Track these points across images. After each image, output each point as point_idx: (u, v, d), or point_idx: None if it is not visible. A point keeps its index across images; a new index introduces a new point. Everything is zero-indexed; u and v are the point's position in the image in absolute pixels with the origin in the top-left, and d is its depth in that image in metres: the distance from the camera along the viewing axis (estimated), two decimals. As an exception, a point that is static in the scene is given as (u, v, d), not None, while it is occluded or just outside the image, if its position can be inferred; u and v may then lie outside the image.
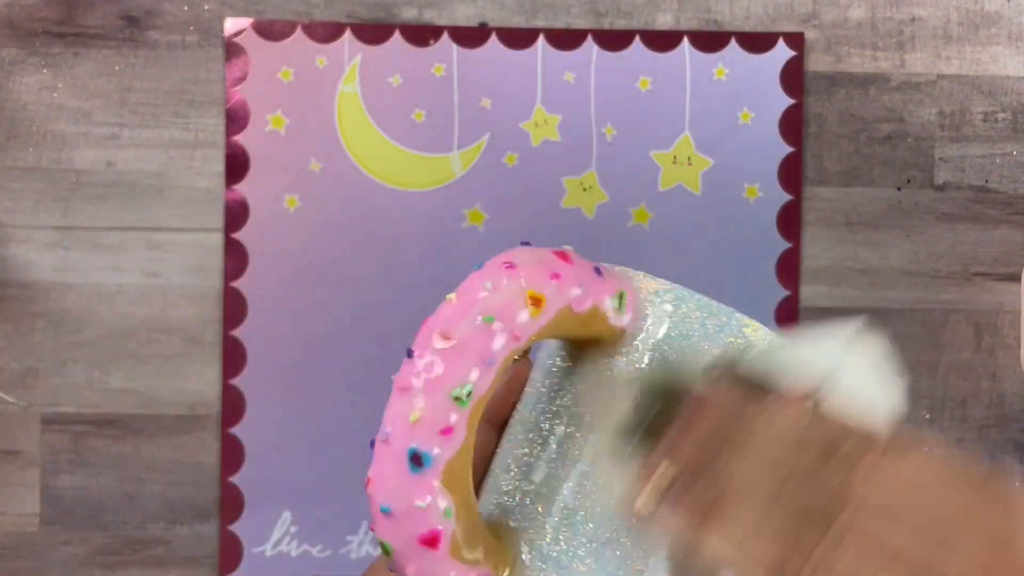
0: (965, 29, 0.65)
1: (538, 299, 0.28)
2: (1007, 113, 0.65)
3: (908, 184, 0.64)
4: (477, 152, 0.64)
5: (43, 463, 0.63)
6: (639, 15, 0.64)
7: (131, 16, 0.64)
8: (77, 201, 0.63)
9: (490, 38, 0.64)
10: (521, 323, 0.28)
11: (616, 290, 0.31)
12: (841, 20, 0.64)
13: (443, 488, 0.27)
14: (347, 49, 0.64)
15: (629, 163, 0.64)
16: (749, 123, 0.64)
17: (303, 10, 0.64)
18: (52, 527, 0.63)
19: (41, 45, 0.63)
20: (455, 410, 0.27)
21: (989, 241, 0.64)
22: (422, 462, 0.27)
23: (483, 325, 0.28)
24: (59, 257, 0.63)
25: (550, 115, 0.64)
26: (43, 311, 0.63)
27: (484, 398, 0.28)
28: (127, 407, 0.63)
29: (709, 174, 0.64)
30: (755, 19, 0.64)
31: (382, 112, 0.64)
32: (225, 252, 0.63)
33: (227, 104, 0.63)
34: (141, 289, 0.63)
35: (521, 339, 0.28)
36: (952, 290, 0.64)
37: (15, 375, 0.63)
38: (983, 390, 0.64)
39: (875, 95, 0.64)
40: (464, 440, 0.27)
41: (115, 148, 0.63)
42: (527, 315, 0.28)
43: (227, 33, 0.64)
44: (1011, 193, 0.64)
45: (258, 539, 0.63)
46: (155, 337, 0.63)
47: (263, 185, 0.63)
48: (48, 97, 0.63)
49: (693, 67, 0.64)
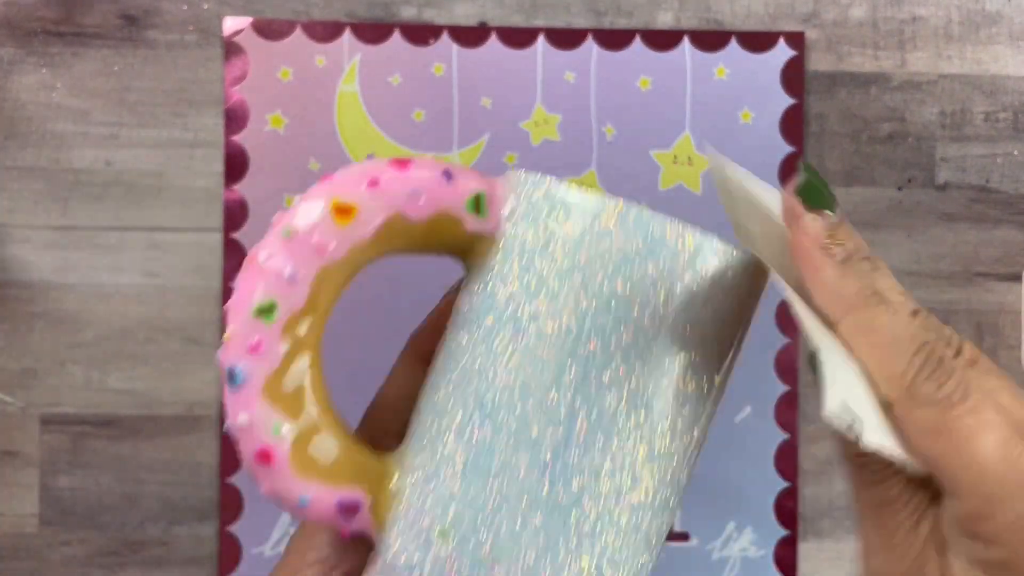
0: (966, 28, 0.65)
1: (346, 208, 0.27)
2: (1008, 113, 0.64)
3: (909, 184, 0.64)
4: (477, 152, 0.64)
5: (42, 463, 0.63)
6: (639, 14, 0.64)
7: (130, 15, 0.64)
8: (76, 201, 0.63)
9: (490, 37, 0.64)
10: (327, 234, 0.27)
11: (472, 191, 0.28)
12: (842, 19, 0.64)
13: (268, 403, 0.27)
14: (346, 48, 0.64)
15: (629, 163, 0.64)
16: (750, 123, 0.64)
17: (302, 9, 0.64)
18: (51, 528, 0.63)
19: (40, 44, 0.63)
20: (259, 326, 0.27)
21: (990, 241, 0.64)
22: (235, 378, 0.27)
23: (284, 239, 0.27)
24: (58, 257, 0.63)
25: (550, 114, 0.64)
26: (42, 311, 0.63)
27: (302, 314, 0.27)
28: (126, 407, 0.63)
29: (710, 174, 0.64)
30: (756, 18, 0.64)
31: (382, 111, 0.64)
32: (224, 252, 0.63)
33: (226, 104, 0.63)
34: (140, 289, 0.63)
35: (330, 252, 0.27)
36: (953, 290, 0.64)
37: (13, 375, 0.63)
38: (984, 390, 0.64)
39: (876, 95, 0.64)
40: (282, 355, 0.27)
41: (114, 148, 0.63)
42: (332, 225, 0.27)
43: (226, 32, 0.63)
44: (1012, 193, 0.64)
45: (257, 540, 0.62)
46: (154, 337, 0.63)
47: (262, 185, 0.63)
48: (47, 97, 0.63)
49: (693, 66, 0.64)
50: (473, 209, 0.28)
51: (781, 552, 0.63)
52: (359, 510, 0.28)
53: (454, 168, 0.29)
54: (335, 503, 0.27)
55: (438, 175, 0.28)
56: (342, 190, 0.27)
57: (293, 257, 0.27)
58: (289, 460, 0.27)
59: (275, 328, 0.27)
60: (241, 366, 0.27)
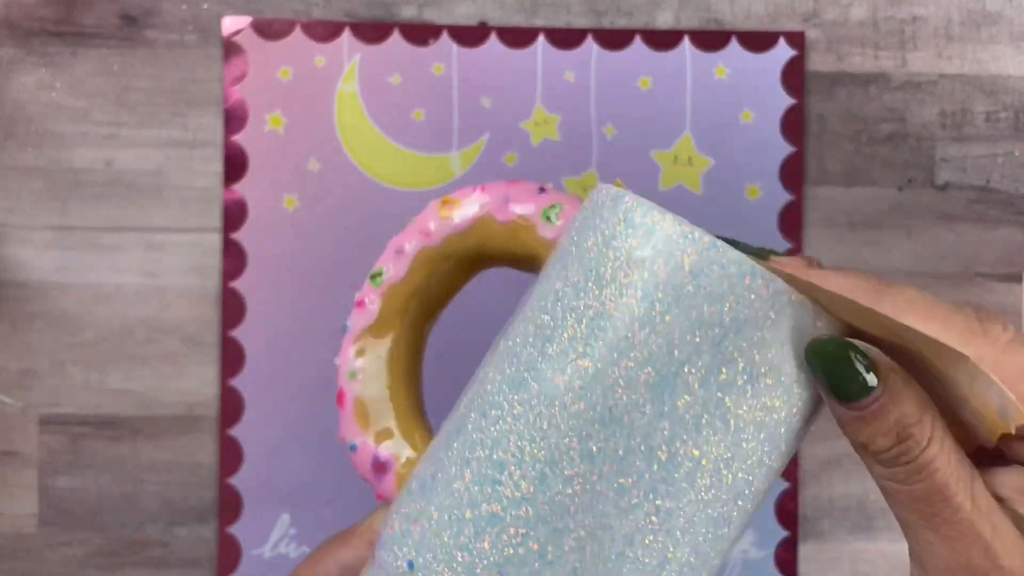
0: (967, 28, 0.65)
1: (451, 202, 0.33)
2: (1009, 113, 0.64)
3: (909, 184, 0.64)
4: (477, 152, 0.64)
5: (41, 464, 0.63)
6: (639, 14, 0.64)
7: (129, 15, 0.64)
8: (75, 201, 0.63)
9: (490, 37, 0.64)
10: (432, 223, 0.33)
11: (551, 203, 0.33)
12: (842, 19, 0.64)
13: (352, 353, 0.33)
14: (346, 48, 0.63)
15: (629, 163, 0.64)
16: (750, 122, 0.64)
17: (302, 9, 0.64)
18: (50, 528, 0.63)
19: (39, 44, 0.63)
20: (369, 288, 0.33)
21: (991, 241, 0.64)
22: (344, 328, 0.33)
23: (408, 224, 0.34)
24: (57, 257, 0.63)
25: (550, 114, 0.64)
26: (41, 311, 0.63)
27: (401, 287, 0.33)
28: (125, 408, 0.63)
29: (710, 174, 0.64)
30: (756, 18, 0.64)
31: (381, 111, 0.63)
32: (223, 252, 0.63)
33: (225, 103, 0.63)
34: (139, 289, 0.63)
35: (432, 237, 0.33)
36: (953, 291, 0.64)
37: (12, 375, 0.63)
38: (985, 391, 0.64)
39: (876, 94, 0.64)
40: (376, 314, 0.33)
41: (113, 148, 0.63)
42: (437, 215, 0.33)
43: (225, 32, 0.63)
44: (1013, 193, 0.64)
45: (257, 541, 0.62)
46: (153, 338, 0.63)
47: (262, 185, 0.63)
48: (46, 96, 0.63)
49: (694, 66, 0.64)
50: (546, 217, 0.32)
51: (782, 553, 0.63)
52: (387, 471, 0.32)
53: (550, 187, 0.33)
54: (371, 457, 0.32)
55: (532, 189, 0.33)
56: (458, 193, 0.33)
57: (406, 237, 0.33)
58: (353, 407, 0.32)
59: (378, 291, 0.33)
60: (350, 319, 0.33)
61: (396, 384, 0.33)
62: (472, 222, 0.33)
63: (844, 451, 0.63)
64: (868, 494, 0.64)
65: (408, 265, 0.33)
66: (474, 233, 0.33)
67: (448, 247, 0.33)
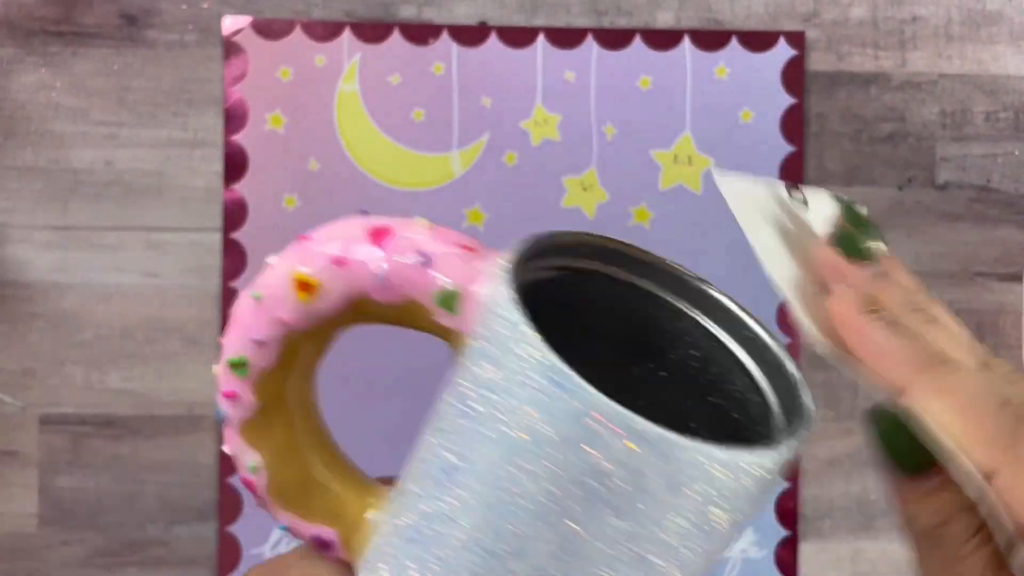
0: (966, 28, 0.65)
1: (309, 284, 0.26)
2: (1008, 112, 0.64)
3: (909, 183, 0.64)
4: (477, 151, 0.64)
5: (41, 463, 0.63)
6: (639, 14, 0.64)
7: (129, 15, 0.64)
8: (75, 201, 0.63)
9: (490, 37, 0.64)
10: (289, 307, 0.26)
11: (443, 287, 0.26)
12: (842, 19, 0.64)
13: (244, 443, 0.28)
14: (346, 48, 0.63)
15: (629, 162, 0.64)
16: (750, 122, 0.64)
17: (302, 8, 0.64)
18: (50, 528, 0.63)
19: (39, 44, 0.63)
20: (234, 377, 0.27)
21: (990, 241, 0.64)
22: (219, 415, 0.28)
23: (252, 301, 0.27)
24: (57, 257, 0.63)
25: (550, 114, 0.64)
26: (41, 311, 0.63)
27: (272, 373, 0.27)
28: (125, 407, 0.63)
29: (710, 173, 0.64)
30: (756, 18, 0.64)
31: (381, 111, 0.63)
32: (223, 252, 0.63)
33: (226, 103, 0.63)
34: (139, 289, 0.63)
35: (293, 324, 0.27)
36: (953, 290, 0.64)
37: (13, 375, 0.63)
38: (985, 390, 0.64)
39: (876, 94, 0.64)
40: (255, 406, 0.27)
41: (113, 147, 0.63)
42: (294, 299, 0.26)
43: (225, 32, 0.63)
44: (1012, 193, 0.64)
45: (256, 540, 0.62)
46: (153, 337, 0.63)
47: (262, 184, 0.63)
48: (46, 96, 0.63)
49: (694, 66, 0.64)
50: (442, 305, 0.26)
51: (782, 553, 0.63)
52: (332, 547, 0.28)
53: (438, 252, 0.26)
54: (309, 536, 0.28)
55: (413, 261, 0.26)
56: (308, 263, 0.26)
57: (259, 322, 0.27)
58: (268, 492, 0.28)
59: (248, 382, 0.27)
60: (223, 407, 0.28)
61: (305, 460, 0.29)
62: (342, 306, 0.27)
63: (844, 451, 0.63)
64: (868, 494, 0.63)
65: (275, 353, 0.27)
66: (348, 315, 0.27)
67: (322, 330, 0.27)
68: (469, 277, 0.26)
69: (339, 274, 0.26)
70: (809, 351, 0.63)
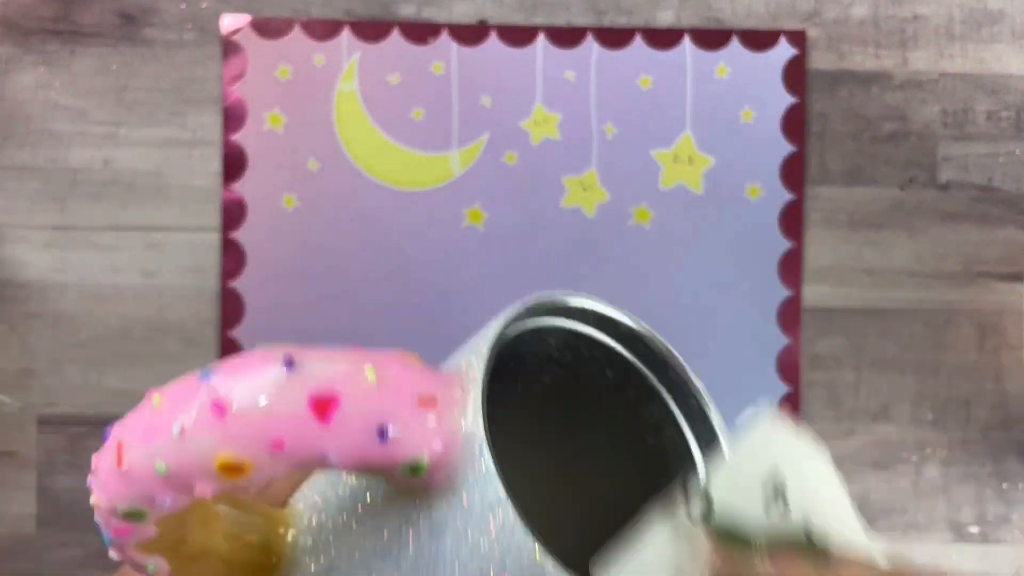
0: (968, 27, 0.64)
1: (236, 466, 0.22)
2: (1011, 111, 0.64)
3: (911, 183, 0.64)
4: (477, 151, 0.63)
5: (39, 464, 0.62)
6: (640, 13, 0.64)
7: (128, 14, 0.63)
8: (74, 200, 0.63)
9: (489, 36, 0.63)
10: (208, 484, 0.22)
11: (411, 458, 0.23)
12: (843, 18, 0.64)
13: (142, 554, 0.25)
14: (345, 47, 0.63)
15: (630, 162, 0.63)
16: (751, 122, 0.63)
17: (301, 7, 0.63)
18: (48, 529, 0.62)
19: (37, 43, 0.63)
20: (127, 523, 0.24)
21: (992, 241, 0.64)
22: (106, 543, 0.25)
23: (154, 475, 0.22)
24: (55, 257, 0.63)
25: (550, 113, 0.63)
26: (39, 311, 0.63)
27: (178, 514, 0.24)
28: (124, 408, 0.62)
29: (710, 173, 0.63)
30: (757, 17, 0.64)
31: (381, 110, 0.63)
32: (222, 252, 0.63)
33: (224, 102, 0.63)
34: (138, 289, 0.63)
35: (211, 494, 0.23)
36: (955, 290, 0.64)
37: (11, 375, 0.63)
38: (986, 391, 0.64)
39: (878, 93, 0.64)
40: (156, 532, 0.24)
41: (112, 147, 0.63)
42: (216, 478, 0.22)
43: (224, 31, 0.63)
44: (1015, 192, 0.64)
45: (256, 541, 0.62)
46: (152, 337, 0.63)
47: (261, 184, 0.63)
48: (44, 95, 0.63)
49: (694, 65, 0.63)
50: (410, 473, 0.23)
51: (782, 553, 0.63)
52: None
53: (396, 418, 0.22)
54: None
55: (370, 435, 0.22)
56: (236, 442, 0.22)
57: (163, 488, 0.23)
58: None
59: (146, 524, 0.24)
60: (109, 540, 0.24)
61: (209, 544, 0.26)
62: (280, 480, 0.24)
63: (844, 452, 0.63)
64: (868, 494, 0.63)
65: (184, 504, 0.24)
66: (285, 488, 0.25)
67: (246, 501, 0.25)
68: (433, 440, 0.23)
69: (275, 458, 0.22)
70: (809, 352, 0.63)
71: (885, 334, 0.63)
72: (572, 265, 0.63)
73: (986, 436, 0.63)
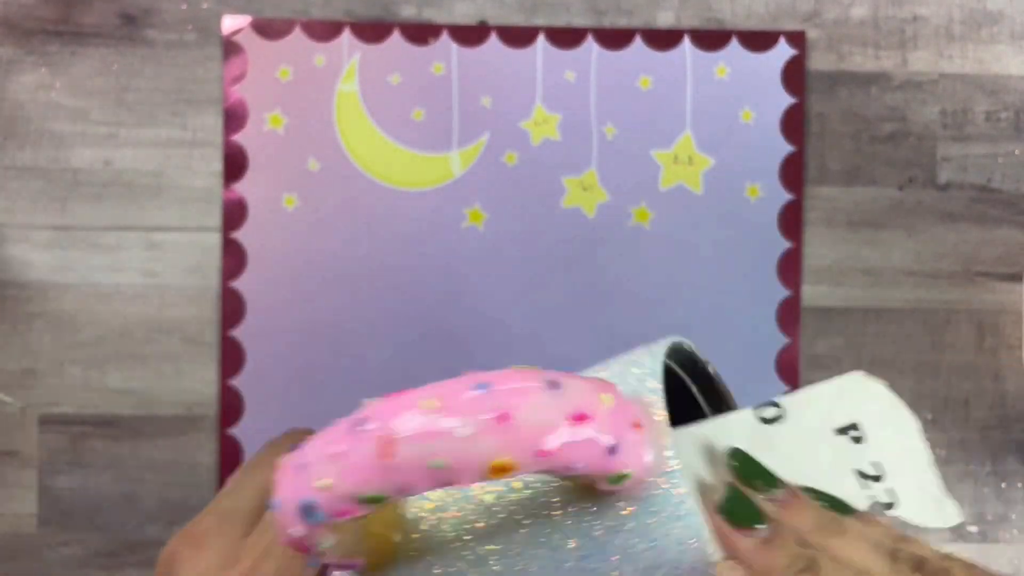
0: (967, 28, 0.64)
1: (506, 468, 0.26)
2: (1010, 112, 0.64)
3: (910, 183, 0.64)
4: (477, 151, 0.63)
5: (41, 464, 0.63)
6: (640, 13, 0.64)
7: (129, 15, 0.63)
8: (74, 200, 0.63)
9: (490, 36, 0.64)
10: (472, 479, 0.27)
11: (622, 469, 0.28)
12: (843, 19, 0.64)
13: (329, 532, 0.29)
14: (346, 48, 0.63)
15: (629, 162, 0.63)
16: (750, 122, 0.64)
17: (301, 8, 0.63)
18: (50, 528, 0.63)
19: (38, 44, 0.63)
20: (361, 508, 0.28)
21: (991, 241, 0.64)
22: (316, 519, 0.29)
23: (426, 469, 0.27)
24: (56, 257, 0.63)
25: (550, 114, 0.63)
26: (40, 311, 0.63)
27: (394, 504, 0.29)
28: (125, 407, 0.63)
29: (710, 173, 0.63)
30: (756, 18, 0.64)
31: (381, 111, 0.63)
32: (223, 252, 0.63)
33: (225, 103, 0.63)
34: (139, 289, 0.63)
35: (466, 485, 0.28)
36: (954, 290, 0.64)
37: (13, 375, 0.63)
38: (985, 391, 0.64)
39: (877, 94, 0.64)
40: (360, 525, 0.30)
41: (113, 147, 0.63)
42: (485, 476, 0.27)
43: (225, 31, 0.63)
44: (1013, 193, 0.64)
45: (256, 540, 0.62)
46: (153, 337, 0.63)
47: (261, 184, 0.63)
48: (45, 96, 0.63)
49: (694, 66, 0.64)
50: (612, 483, 0.28)
51: (781, 553, 0.63)
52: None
53: (623, 439, 0.28)
54: None
55: (603, 448, 0.27)
56: (513, 448, 0.26)
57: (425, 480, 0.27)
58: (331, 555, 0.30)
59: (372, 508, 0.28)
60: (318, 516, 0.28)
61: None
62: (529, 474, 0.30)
63: (844, 451, 0.63)
64: (868, 494, 0.63)
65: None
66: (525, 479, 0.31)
67: None
68: (644, 456, 0.28)
69: (538, 461, 0.27)
70: (808, 352, 0.63)
71: (884, 334, 0.64)
72: (572, 265, 0.63)
73: (985, 436, 0.64)
